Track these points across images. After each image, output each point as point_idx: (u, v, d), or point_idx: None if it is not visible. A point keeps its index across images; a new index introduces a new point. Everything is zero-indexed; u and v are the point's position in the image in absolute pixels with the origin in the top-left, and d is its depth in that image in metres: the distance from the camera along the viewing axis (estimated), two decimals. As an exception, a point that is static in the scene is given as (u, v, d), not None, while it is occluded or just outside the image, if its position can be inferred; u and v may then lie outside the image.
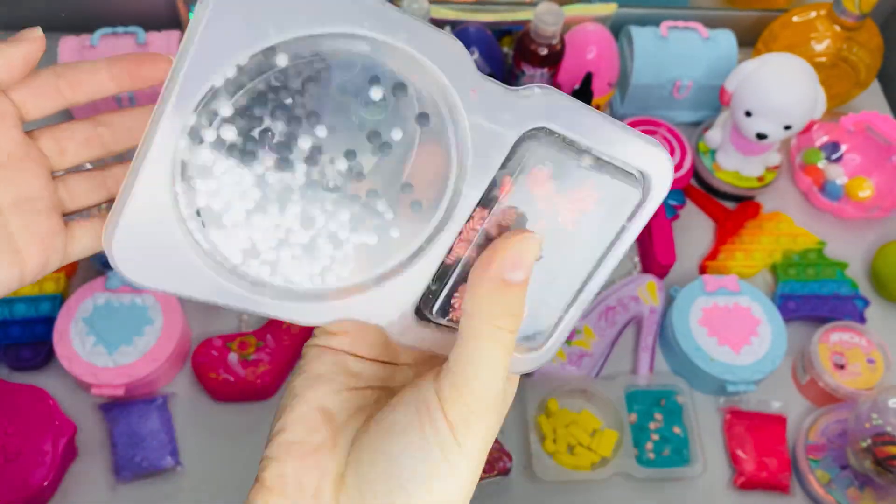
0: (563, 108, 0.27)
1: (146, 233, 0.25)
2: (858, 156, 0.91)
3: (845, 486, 0.73)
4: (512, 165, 0.28)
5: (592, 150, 0.28)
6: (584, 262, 0.30)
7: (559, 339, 0.32)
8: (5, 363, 0.74)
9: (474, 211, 0.28)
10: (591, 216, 0.29)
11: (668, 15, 0.97)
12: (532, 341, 0.31)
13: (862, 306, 0.84)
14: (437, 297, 0.30)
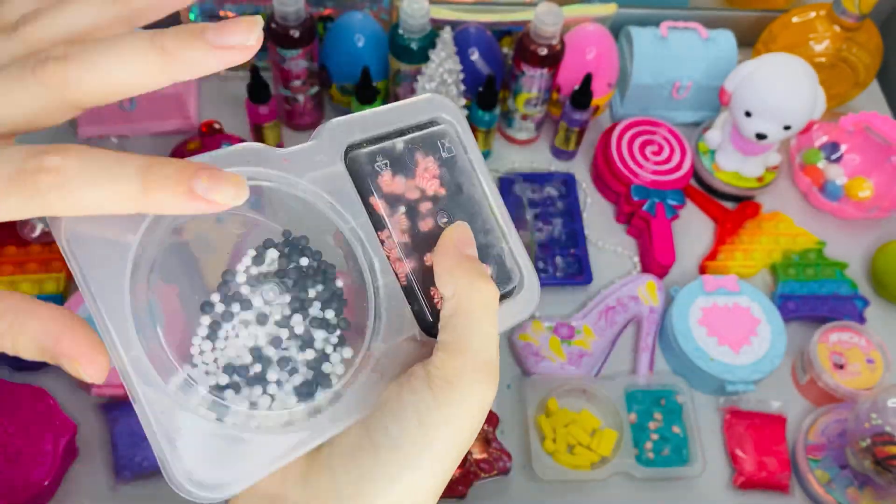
0: (348, 122, 0.30)
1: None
2: (858, 156, 0.91)
3: (845, 486, 0.73)
4: (362, 185, 0.30)
5: (394, 132, 0.31)
6: (480, 202, 0.33)
7: (529, 270, 0.33)
8: (6, 363, 0.74)
9: (381, 236, 0.30)
10: (444, 170, 0.32)
11: (667, 15, 0.97)
12: (510, 288, 0.32)
13: (861, 306, 0.84)
14: (423, 311, 0.30)
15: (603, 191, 0.92)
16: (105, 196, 0.21)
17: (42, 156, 0.21)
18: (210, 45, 0.23)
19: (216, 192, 0.22)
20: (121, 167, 0.21)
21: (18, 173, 0.21)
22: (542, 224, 0.88)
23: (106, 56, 0.22)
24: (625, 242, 0.89)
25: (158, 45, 0.22)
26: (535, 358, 0.78)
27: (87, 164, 0.21)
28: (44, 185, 0.21)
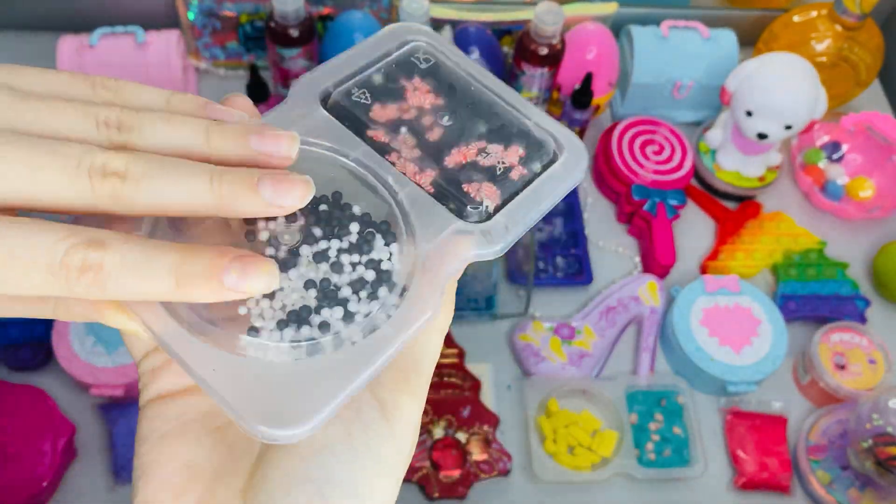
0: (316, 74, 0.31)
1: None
2: (859, 156, 0.91)
3: (846, 487, 0.73)
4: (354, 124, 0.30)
5: (365, 66, 0.31)
6: (479, 93, 0.32)
7: (565, 134, 0.31)
8: (4, 363, 0.73)
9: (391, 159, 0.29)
10: (431, 80, 0.32)
11: (668, 14, 0.97)
12: (549, 156, 0.31)
13: (863, 306, 0.84)
14: (462, 207, 0.28)
15: (603, 190, 0.92)
16: (140, 291, 0.22)
17: (85, 250, 0.21)
18: (266, 203, 0.23)
19: (246, 283, 0.22)
20: (156, 263, 0.22)
21: (61, 268, 0.21)
22: (543, 224, 0.88)
23: (163, 187, 0.23)
24: (625, 242, 0.89)
25: (217, 191, 0.23)
26: (535, 358, 0.78)
27: (126, 261, 0.22)
28: (84, 282, 0.21)
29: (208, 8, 0.89)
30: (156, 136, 0.24)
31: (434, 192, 0.28)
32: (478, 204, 0.28)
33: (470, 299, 0.82)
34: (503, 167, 0.29)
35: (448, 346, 0.79)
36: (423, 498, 0.71)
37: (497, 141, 0.30)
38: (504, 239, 0.27)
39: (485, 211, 0.28)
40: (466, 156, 0.29)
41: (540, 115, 0.31)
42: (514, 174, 0.29)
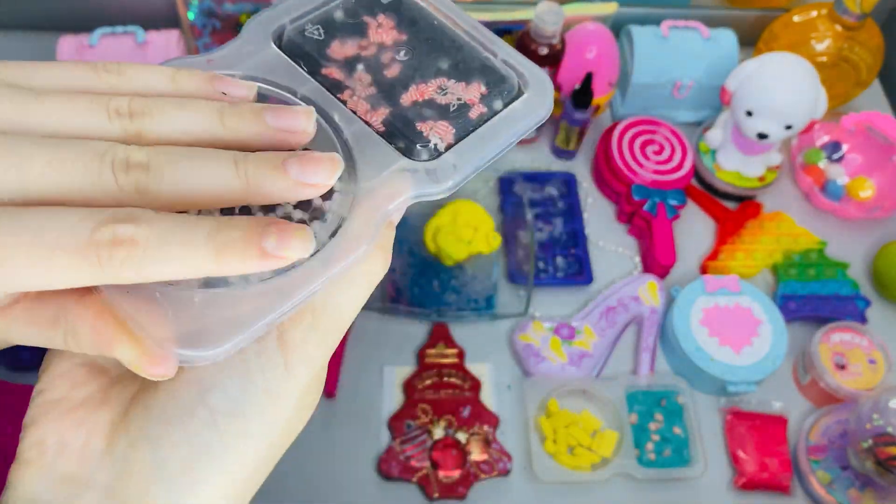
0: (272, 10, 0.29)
1: None
2: (859, 156, 0.91)
3: (846, 487, 0.73)
4: (308, 61, 0.29)
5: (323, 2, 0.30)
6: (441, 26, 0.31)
7: (531, 69, 0.30)
8: (5, 363, 0.73)
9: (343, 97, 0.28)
10: (393, 16, 0.30)
11: (668, 14, 0.97)
12: (513, 91, 0.29)
13: (863, 306, 0.84)
14: (412, 145, 0.27)
15: (604, 190, 0.92)
16: (179, 265, 0.21)
17: (114, 225, 0.20)
18: (294, 182, 0.23)
19: (286, 248, 0.21)
20: (192, 233, 0.21)
21: (89, 245, 0.20)
22: (543, 224, 0.88)
23: (189, 175, 0.22)
24: (626, 242, 0.89)
25: (243, 176, 0.22)
26: (535, 359, 0.78)
27: (160, 232, 0.20)
28: (117, 259, 0.20)
29: (208, 8, 0.89)
30: (170, 122, 0.23)
31: (384, 131, 0.27)
32: (427, 141, 0.26)
33: (470, 299, 0.82)
34: (459, 104, 0.27)
35: (448, 346, 0.79)
36: (423, 498, 0.71)
37: (458, 77, 0.28)
38: (451, 178, 0.26)
39: (434, 149, 0.27)
40: (424, 93, 0.28)
41: (509, 50, 0.29)
42: (472, 112, 0.27)
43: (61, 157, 0.21)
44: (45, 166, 0.21)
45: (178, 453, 0.23)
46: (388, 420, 0.74)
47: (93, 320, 0.23)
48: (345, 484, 0.72)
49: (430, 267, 0.83)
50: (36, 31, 0.94)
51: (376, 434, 0.74)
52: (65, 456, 0.24)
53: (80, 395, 0.25)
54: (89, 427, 0.24)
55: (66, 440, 0.24)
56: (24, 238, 0.20)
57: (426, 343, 0.79)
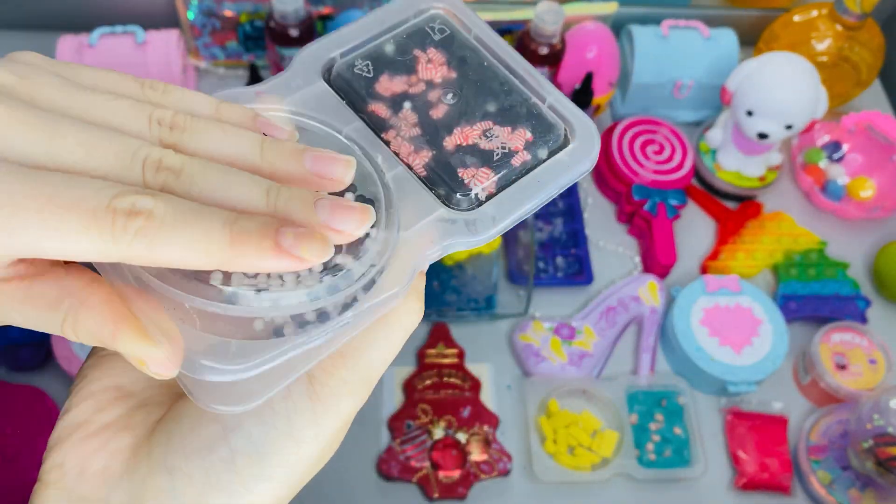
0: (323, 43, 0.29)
1: None
2: (860, 155, 0.91)
3: (847, 487, 0.73)
4: (355, 96, 0.28)
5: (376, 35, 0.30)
6: (492, 68, 0.30)
7: (579, 117, 0.29)
8: (4, 363, 0.73)
9: (387, 137, 0.28)
10: (444, 52, 0.30)
11: (668, 14, 0.97)
12: (557, 141, 0.29)
13: (863, 306, 0.84)
14: (451, 192, 0.26)
15: (604, 190, 0.92)
16: (191, 248, 0.20)
17: (134, 196, 0.20)
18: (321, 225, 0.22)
19: (301, 248, 0.21)
20: (210, 218, 0.20)
21: (106, 210, 0.19)
22: (543, 224, 0.88)
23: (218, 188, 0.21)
24: (626, 242, 0.89)
25: (272, 203, 0.22)
26: (535, 358, 0.78)
27: (179, 211, 0.20)
28: (131, 230, 0.19)
29: (208, 7, 0.89)
30: (209, 142, 0.23)
31: (426, 175, 0.26)
32: (467, 191, 0.26)
33: (470, 299, 0.82)
34: (503, 151, 0.27)
35: (448, 346, 0.79)
36: (423, 498, 0.71)
37: (504, 122, 0.28)
38: (489, 230, 0.26)
39: (475, 198, 0.26)
40: (468, 137, 0.27)
41: (558, 95, 0.29)
42: (515, 160, 0.27)
43: (94, 141, 0.21)
44: (77, 145, 0.20)
45: (194, 487, 0.23)
46: (388, 420, 0.74)
47: (99, 306, 0.22)
48: (345, 484, 0.72)
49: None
50: (35, 31, 0.94)
51: (376, 434, 0.74)
52: (84, 479, 0.24)
53: (105, 419, 0.25)
54: (110, 451, 0.24)
55: (87, 464, 0.24)
56: (39, 194, 0.19)
57: (426, 343, 0.79)
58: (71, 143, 0.20)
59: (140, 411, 0.26)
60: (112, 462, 0.24)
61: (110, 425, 0.25)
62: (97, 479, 0.24)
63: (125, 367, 0.26)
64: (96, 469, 0.24)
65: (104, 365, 0.27)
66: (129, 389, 0.26)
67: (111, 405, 0.26)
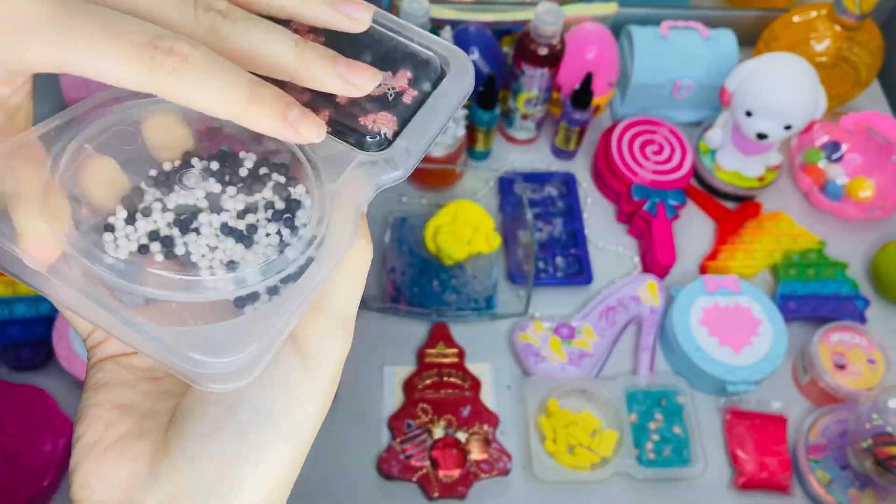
0: None
1: None
2: (859, 156, 0.91)
3: (846, 487, 0.73)
4: None
5: None
6: None
7: (449, 49, 0.31)
8: (5, 363, 0.74)
9: None
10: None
11: (668, 15, 0.97)
12: (436, 73, 0.30)
13: (862, 306, 0.84)
14: (362, 139, 0.28)
15: (603, 190, 0.92)
16: (214, 95, 0.23)
17: (174, 39, 0.22)
18: (338, 76, 0.26)
19: (303, 124, 0.24)
20: (235, 75, 0.23)
21: (148, 46, 0.22)
22: (543, 224, 0.88)
23: (255, 34, 0.24)
24: (625, 242, 0.89)
25: (300, 54, 0.25)
26: (535, 358, 0.78)
27: (209, 62, 0.23)
28: (168, 66, 0.22)
29: (208, 8, 0.89)
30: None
31: (332, 131, 0.28)
32: (375, 133, 0.28)
33: (470, 299, 0.82)
34: (394, 92, 0.29)
35: (448, 346, 0.79)
36: (422, 497, 0.72)
37: (384, 68, 0.29)
38: (407, 161, 0.28)
39: (384, 138, 0.28)
40: None
41: (421, 33, 0.31)
42: (406, 98, 0.29)
43: None
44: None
45: (216, 467, 0.25)
46: (388, 419, 0.75)
47: (21, 178, 0.24)
48: (345, 483, 0.72)
49: (430, 267, 0.83)
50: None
51: (376, 433, 0.74)
52: (113, 489, 0.25)
53: (115, 434, 0.26)
54: (130, 458, 0.26)
55: (111, 475, 0.25)
56: (93, 22, 0.22)
57: (426, 343, 0.79)
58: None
59: (149, 419, 0.27)
60: (135, 467, 0.26)
61: (124, 436, 0.26)
62: (125, 485, 0.25)
63: (122, 387, 0.28)
64: (122, 477, 0.25)
65: (105, 389, 0.28)
66: (131, 405, 0.27)
67: (120, 420, 0.27)
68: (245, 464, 0.25)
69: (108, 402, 0.27)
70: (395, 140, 0.28)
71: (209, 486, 0.25)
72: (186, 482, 0.25)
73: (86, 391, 0.28)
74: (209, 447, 0.25)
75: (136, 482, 0.25)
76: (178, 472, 0.25)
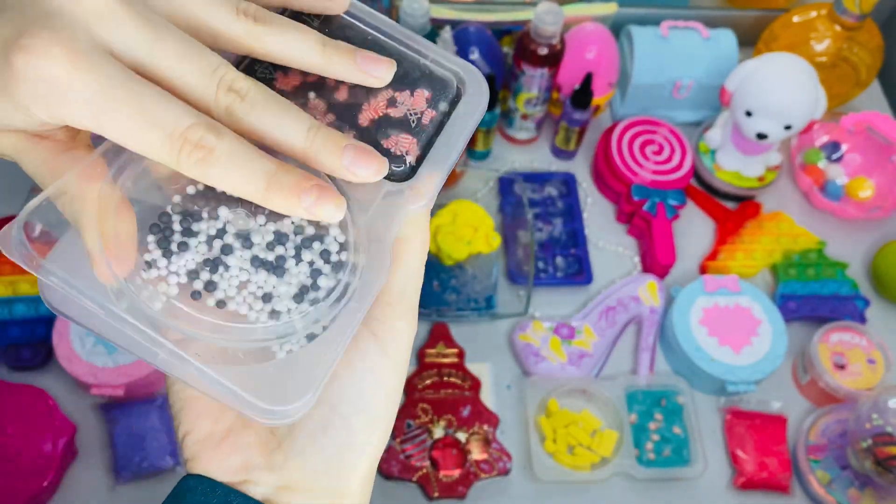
0: None
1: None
2: (859, 156, 0.91)
3: (846, 487, 0.73)
4: None
5: None
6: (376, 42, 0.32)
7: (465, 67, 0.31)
8: (5, 363, 0.74)
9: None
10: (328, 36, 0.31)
11: (668, 15, 0.97)
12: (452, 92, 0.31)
13: (862, 306, 0.84)
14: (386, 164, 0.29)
15: (603, 190, 0.92)
16: (235, 183, 0.25)
17: (205, 131, 0.24)
18: (343, 167, 0.27)
19: (320, 207, 0.26)
20: (257, 164, 0.25)
21: (179, 138, 0.24)
22: (543, 224, 0.88)
23: (269, 121, 0.26)
24: (625, 242, 0.89)
25: (310, 141, 0.26)
26: (535, 358, 0.78)
27: (235, 152, 0.25)
28: (195, 157, 0.24)
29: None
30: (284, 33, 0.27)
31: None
32: (399, 160, 0.29)
33: (470, 299, 0.82)
34: (413, 115, 0.29)
35: (448, 346, 0.79)
36: (423, 497, 0.72)
37: (402, 87, 0.30)
38: (430, 190, 0.29)
39: (408, 166, 0.29)
40: (378, 110, 0.29)
41: (436, 50, 0.31)
42: (425, 118, 0.29)
43: (185, 52, 0.25)
44: (173, 53, 0.25)
45: (325, 457, 0.29)
46: (389, 420, 0.75)
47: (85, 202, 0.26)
48: (345, 483, 0.72)
49: (430, 267, 0.83)
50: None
51: (376, 434, 0.74)
52: (230, 474, 0.28)
53: (224, 427, 0.29)
54: (242, 449, 0.29)
55: (227, 465, 0.29)
56: (137, 101, 0.24)
57: (426, 343, 0.79)
58: (169, 51, 0.25)
59: None
60: (249, 455, 0.29)
61: (231, 430, 0.29)
62: (242, 472, 0.28)
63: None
64: (238, 463, 0.29)
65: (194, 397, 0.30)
66: None
67: (224, 413, 0.30)
68: (351, 451, 0.29)
69: (204, 398, 0.30)
70: (418, 167, 0.29)
71: (321, 473, 0.28)
72: (300, 471, 0.28)
73: (175, 383, 0.30)
74: (320, 441, 0.28)
75: (252, 467, 0.28)
76: (291, 463, 0.28)
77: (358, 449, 0.29)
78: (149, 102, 0.24)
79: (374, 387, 0.29)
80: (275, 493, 0.28)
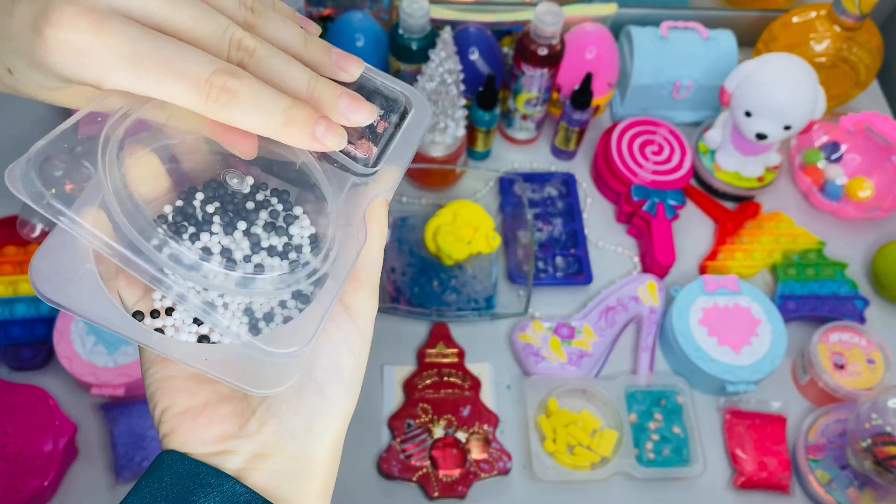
0: None
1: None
2: (858, 156, 0.91)
3: (845, 486, 0.73)
4: None
5: None
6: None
7: (407, 88, 0.36)
8: (5, 363, 0.74)
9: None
10: None
11: (667, 15, 0.97)
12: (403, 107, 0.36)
13: (861, 306, 0.84)
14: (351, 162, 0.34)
15: (603, 191, 0.92)
16: (256, 120, 0.28)
17: (227, 76, 0.27)
18: (340, 112, 0.30)
19: (327, 137, 0.29)
20: (275, 102, 0.28)
21: (206, 83, 0.27)
22: (542, 224, 0.88)
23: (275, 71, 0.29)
24: (625, 242, 0.89)
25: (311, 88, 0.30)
26: (535, 358, 0.78)
27: (253, 94, 0.28)
28: (221, 100, 0.27)
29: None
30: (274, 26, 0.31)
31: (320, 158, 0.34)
32: (365, 158, 0.33)
33: (470, 299, 0.82)
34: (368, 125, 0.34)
35: (448, 346, 0.79)
36: (423, 497, 0.72)
37: None
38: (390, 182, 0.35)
39: (367, 163, 0.34)
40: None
41: (382, 74, 0.36)
42: (379, 128, 0.34)
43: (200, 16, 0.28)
44: (188, 19, 0.28)
45: (301, 420, 0.31)
46: (389, 419, 0.75)
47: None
48: (345, 483, 0.72)
49: (430, 267, 0.84)
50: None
51: (377, 433, 0.75)
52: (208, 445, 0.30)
53: (201, 401, 0.32)
54: (219, 421, 0.31)
55: (205, 436, 0.31)
56: (160, 59, 0.27)
57: (426, 343, 0.79)
58: (185, 14, 0.28)
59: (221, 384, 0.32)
60: (225, 427, 0.31)
61: (208, 403, 0.31)
62: (218, 440, 0.31)
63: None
64: (216, 435, 0.31)
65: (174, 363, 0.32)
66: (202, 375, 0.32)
67: (200, 388, 0.32)
68: (321, 417, 0.31)
69: (181, 374, 0.32)
70: (377, 164, 0.34)
71: (294, 437, 0.31)
72: (276, 434, 0.31)
73: (150, 366, 0.33)
74: (295, 405, 0.31)
75: (228, 437, 0.31)
76: (267, 427, 0.31)
77: (329, 414, 0.32)
78: (173, 56, 0.27)
79: (347, 356, 0.32)
80: (250, 461, 0.30)
